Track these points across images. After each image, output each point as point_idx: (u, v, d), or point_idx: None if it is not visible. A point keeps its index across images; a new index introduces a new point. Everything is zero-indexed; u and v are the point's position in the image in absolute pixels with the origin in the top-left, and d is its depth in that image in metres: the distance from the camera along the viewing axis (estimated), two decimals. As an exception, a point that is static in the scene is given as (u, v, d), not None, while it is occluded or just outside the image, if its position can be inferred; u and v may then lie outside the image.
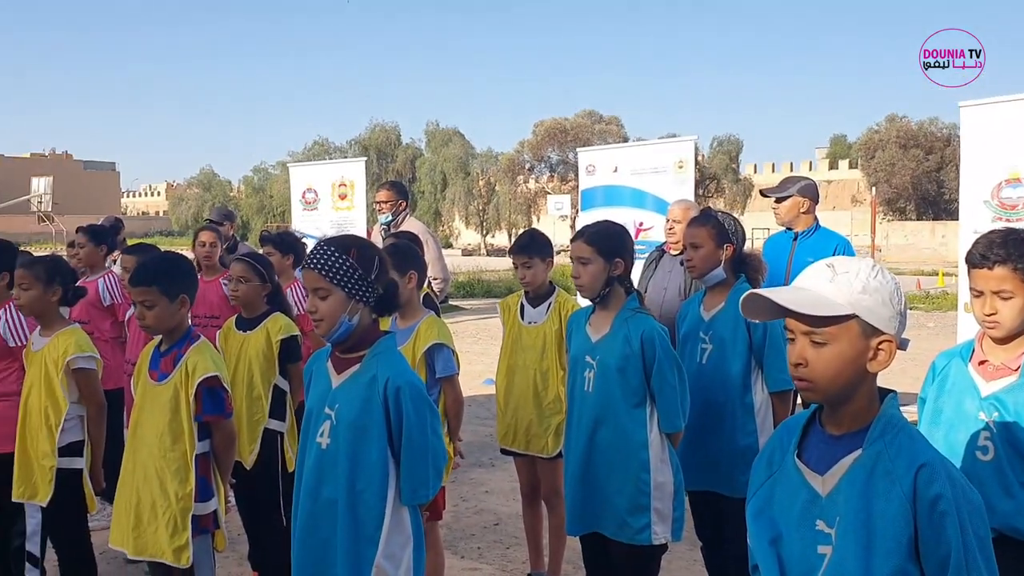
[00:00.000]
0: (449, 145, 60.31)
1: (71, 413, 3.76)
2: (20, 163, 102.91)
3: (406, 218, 6.74)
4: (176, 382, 3.21)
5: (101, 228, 5.96)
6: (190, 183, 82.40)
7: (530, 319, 4.23)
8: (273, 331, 4.24)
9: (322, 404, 2.59)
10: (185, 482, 3.17)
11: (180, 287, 3.27)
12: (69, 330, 3.82)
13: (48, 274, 3.82)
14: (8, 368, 4.15)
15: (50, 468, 3.72)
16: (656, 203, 6.65)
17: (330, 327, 2.50)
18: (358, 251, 2.53)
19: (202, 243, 5.89)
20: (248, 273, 4.31)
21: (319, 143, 62.22)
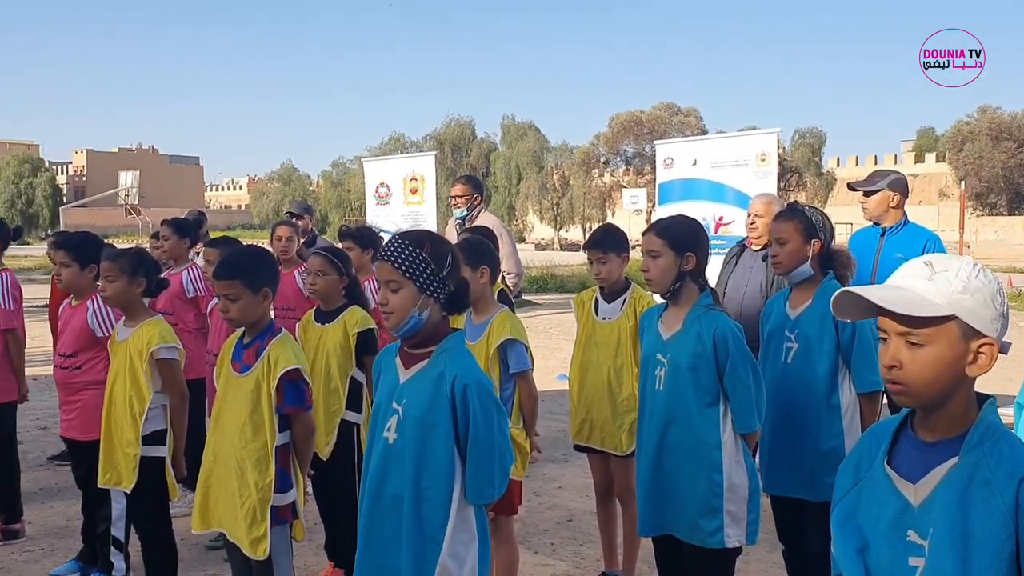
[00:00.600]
0: (524, 139, 60.30)
1: (154, 402, 3.86)
2: (108, 157, 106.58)
3: (481, 212, 6.74)
4: (258, 374, 3.25)
5: (185, 221, 6.10)
6: (271, 177, 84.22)
7: (604, 315, 4.18)
8: (350, 324, 4.28)
9: (390, 398, 2.59)
10: (265, 473, 3.20)
11: (263, 280, 3.31)
12: (153, 321, 3.92)
13: (132, 266, 3.91)
14: (95, 357, 4.28)
15: (134, 456, 3.82)
16: (737, 197, 6.52)
17: (400, 320, 2.50)
18: (432, 246, 2.53)
19: (279, 237, 5.99)
20: (325, 267, 4.36)
21: (395, 138, 62.91)
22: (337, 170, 73.65)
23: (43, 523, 5.43)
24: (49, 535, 5.24)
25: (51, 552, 4.96)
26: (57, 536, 5.21)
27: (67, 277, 4.32)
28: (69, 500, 5.82)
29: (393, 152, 59.91)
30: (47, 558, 4.88)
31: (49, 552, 4.96)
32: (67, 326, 4.35)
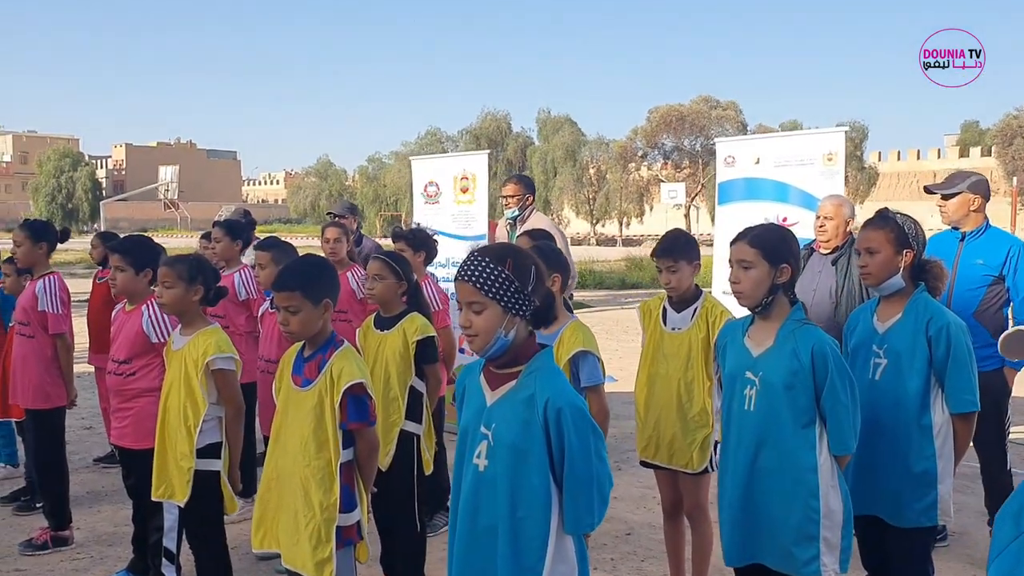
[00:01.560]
0: (559, 133, 59.98)
1: (210, 414, 3.73)
2: (147, 151, 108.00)
3: (532, 212, 6.57)
4: (321, 388, 3.11)
5: (237, 223, 6.00)
6: (308, 172, 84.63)
7: (673, 325, 3.98)
8: (410, 332, 4.13)
9: (477, 422, 2.42)
10: (330, 492, 3.07)
11: (324, 291, 3.17)
12: (210, 330, 3.79)
13: (191, 273, 3.80)
14: (149, 364, 4.17)
15: (188, 469, 3.70)
16: (802, 197, 6.28)
17: (485, 343, 2.33)
18: (514, 261, 2.35)
19: (327, 239, 5.86)
20: (384, 271, 4.21)
21: (431, 132, 62.93)
22: (373, 165, 73.80)
23: (91, 529, 5.35)
24: (98, 542, 5.16)
25: (100, 560, 4.87)
26: (106, 543, 5.13)
27: (121, 281, 4.21)
28: (117, 504, 5.75)
29: (430, 147, 60.01)
30: (96, 566, 4.79)
31: (99, 560, 4.88)
32: (121, 331, 4.24)
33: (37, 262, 5.09)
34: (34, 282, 5.06)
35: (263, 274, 4.82)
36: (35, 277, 5.09)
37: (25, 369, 5.02)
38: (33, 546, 4.95)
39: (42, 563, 4.80)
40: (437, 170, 7.97)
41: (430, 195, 7.89)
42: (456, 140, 61.73)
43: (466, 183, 7.57)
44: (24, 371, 5.03)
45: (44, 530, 5.03)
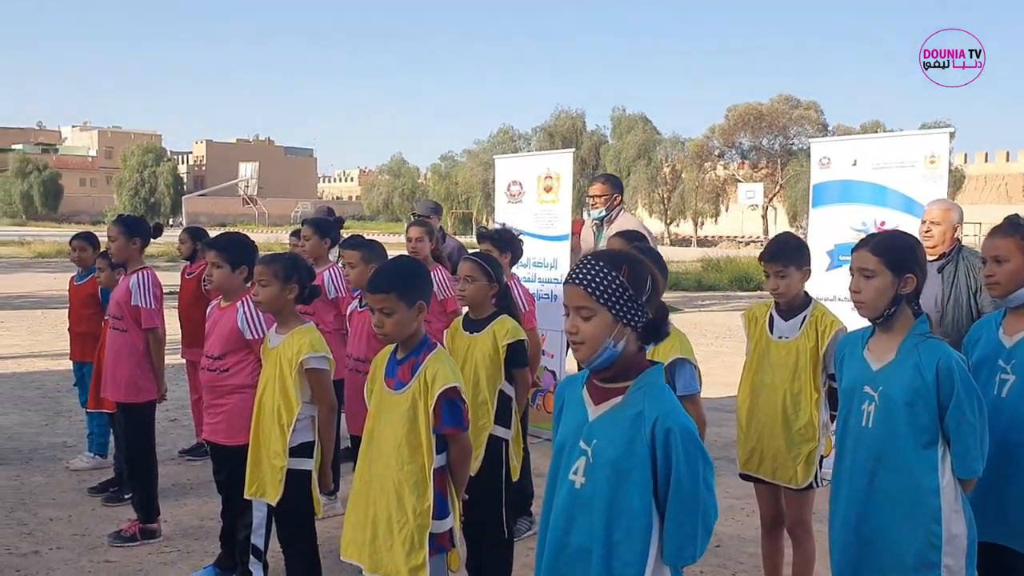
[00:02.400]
0: (633, 131, 59.49)
1: (303, 413, 3.71)
2: (227, 148, 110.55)
3: (620, 213, 6.45)
4: (414, 391, 3.04)
5: (326, 221, 6.00)
6: (381, 170, 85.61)
7: (781, 333, 3.82)
8: (500, 335, 4.05)
9: (576, 437, 2.30)
10: (423, 497, 3.00)
11: (418, 293, 3.11)
12: (304, 329, 3.78)
13: (286, 272, 3.78)
14: (243, 361, 4.17)
15: (280, 468, 3.68)
16: (902, 201, 6.01)
17: (592, 352, 2.22)
18: (630, 268, 2.22)
19: (409, 238, 5.81)
20: (475, 272, 4.14)
21: (504, 131, 63.06)
22: (446, 163, 74.28)
23: (177, 522, 5.41)
24: (184, 535, 5.20)
25: (187, 555, 4.91)
26: (192, 537, 5.17)
27: (217, 278, 4.23)
28: (203, 497, 5.80)
29: (502, 145, 60.12)
30: (183, 561, 4.82)
31: (185, 554, 4.91)
32: (215, 327, 4.25)
33: (131, 257, 5.16)
34: (127, 277, 5.13)
35: (352, 273, 4.79)
36: (128, 272, 5.16)
37: (117, 363, 5.09)
38: (122, 538, 5.02)
39: (130, 555, 4.86)
40: (520, 169, 7.88)
41: (513, 194, 7.81)
42: (529, 138, 61.71)
43: (550, 182, 7.47)
44: (116, 365, 5.09)
45: (133, 522, 5.09)
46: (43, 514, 5.47)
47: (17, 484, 6.06)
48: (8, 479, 6.17)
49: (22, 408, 8.46)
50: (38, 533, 5.14)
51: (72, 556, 4.81)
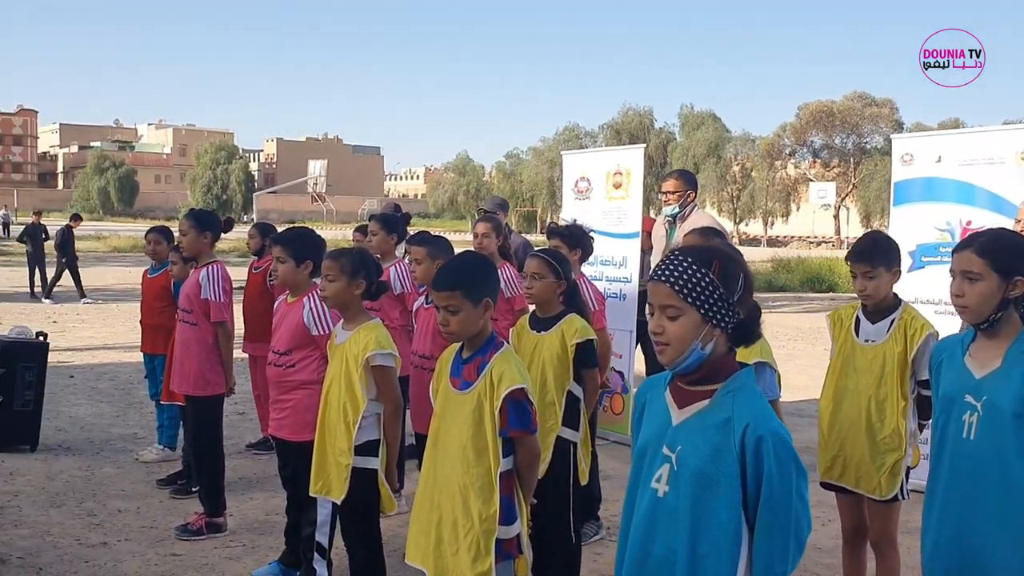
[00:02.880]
0: (702, 128, 58.77)
1: (368, 411, 3.65)
2: (296, 146, 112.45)
3: (694, 210, 6.27)
4: (480, 392, 2.94)
5: (393, 217, 5.95)
6: (446, 168, 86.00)
7: (867, 337, 3.63)
8: (568, 334, 3.94)
9: (660, 442, 2.17)
10: (489, 502, 2.90)
11: (484, 291, 3.01)
12: (371, 325, 3.71)
13: (354, 267, 3.73)
14: (309, 357, 4.14)
15: (346, 466, 3.63)
16: (990, 200, 5.72)
17: (678, 354, 2.08)
18: (721, 264, 2.09)
19: (476, 234, 5.73)
20: (543, 269, 4.03)
21: (570, 128, 62.90)
22: (511, 161, 74.32)
23: (243, 516, 5.41)
24: (250, 530, 5.20)
25: (252, 550, 4.90)
26: (258, 532, 5.16)
27: (283, 273, 4.20)
28: (268, 492, 5.80)
29: (568, 143, 59.91)
30: (248, 556, 4.81)
31: (251, 549, 4.90)
32: (282, 323, 4.23)
33: (201, 251, 5.17)
34: (198, 270, 5.15)
35: (418, 269, 4.73)
36: (199, 266, 5.18)
37: (186, 356, 5.11)
38: (189, 531, 5.03)
39: (196, 549, 4.87)
40: (589, 165, 7.73)
41: (580, 191, 7.67)
42: (595, 135, 61.43)
43: (619, 178, 7.31)
44: (186, 358, 5.11)
45: (199, 515, 5.10)
46: (112, 505, 5.53)
47: (88, 475, 6.15)
48: (80, 470, 6.26)
49: (95, 399, 8.62)
50: (107, 524, 5.19)
51: (139, 548, 4.84)
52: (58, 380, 9.08)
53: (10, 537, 4.89)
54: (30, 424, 6.63)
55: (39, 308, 16.03)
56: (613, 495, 5.73)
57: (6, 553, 4.64)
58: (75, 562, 4.60)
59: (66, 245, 17.77)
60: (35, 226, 18.62)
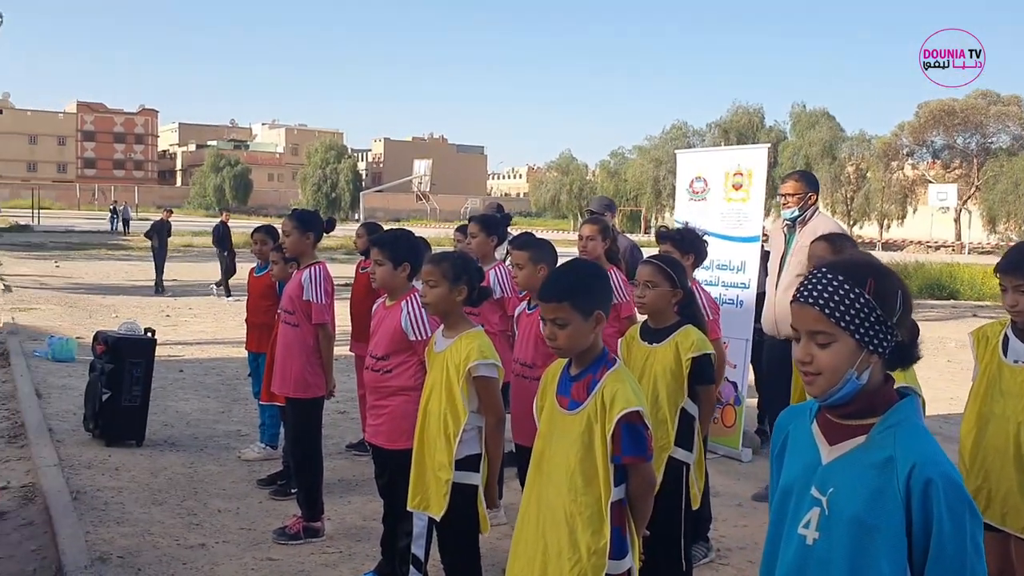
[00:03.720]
0: (815, 128, 57.05)
1: (470, 423, 3.47)
2: (403, 145, 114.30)
3: (815, 213, 5.88)
4: (590, 413, 2.70)
5: (492, 218, 5.78)
6: (549, 167, 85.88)
7: (1017, 357, 3.26)
8: (683, 347, 3.67)
9: (807, 483, 1.90)
10: (599, 534, 2.66)
11: (596, 302, 2.75)
12: (473, 333, 3.52)
13: (455, 272, 3.55)
14: (406, 362, 4.00)
15: (445, 481, 3.46)
16: None
17: (830, 385, 1.81)
18: (876, 282, 1.82)
19: (581, 236, 5.49)
20: (657, 277, 3.77)
21: (677, 127, 61.97)
22: (615, 160, 73.66)
23: (341, 520, 5.32)
24: (347, 536, 5.10)
25: (349, 557, 4.79)
26: (355, 538, 5.06)
27: (381, 276, 4.07)
28: (366, 496, 5.70)
29: (675, 141, 59.03)
30: (345, 563, 4.71)
31: (347, 556, 4.80)
32: (380, 327, 4.10)
33: (304, 251, 5.10)
34: (300, 271, 5.08)
35: (520, 274, 4.52)
36: (301, 266, 5.10)
37: (288, 357, 5.04)
38: (286, 535, 4.96)
39: (293, 554, 4.79)
40: (706, 164, 7.38)
41: (696, 191, 7.33)
42: (703, 134, 60.38)
43: (740, 179, 6.94)
44: (287, 359, 5.05)
45: (297, 519, 5.03)
46: (213, 504, 5.52)
47: (191, 472, 6.18)
48: (183, 466, 6.30)
49: (202, 395, 8.74)
50: (206, 525, 5.17)
51: (237, 551, 4.78)
52: (168, 374, 9.27)
53: (112, 535, 4.91)
54: (136, 420, 6.72)
55: (153, 302, 16.56)
56: (723, 513, 5.43)
57: (107, 552, 4.65)
58: (173, 563, 4.58)
59: (224, 240, 18.35)
60: (163, 223, 19.22)
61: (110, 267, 24.45)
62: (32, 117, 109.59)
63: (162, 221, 19.27)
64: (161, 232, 18.87)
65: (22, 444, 6.72)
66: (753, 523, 5.47)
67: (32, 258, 26.41)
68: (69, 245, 33.35)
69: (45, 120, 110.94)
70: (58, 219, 56.21)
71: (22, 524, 5.17)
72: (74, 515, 5.09)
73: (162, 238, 18.81)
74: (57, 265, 24.18)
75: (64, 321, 13.36)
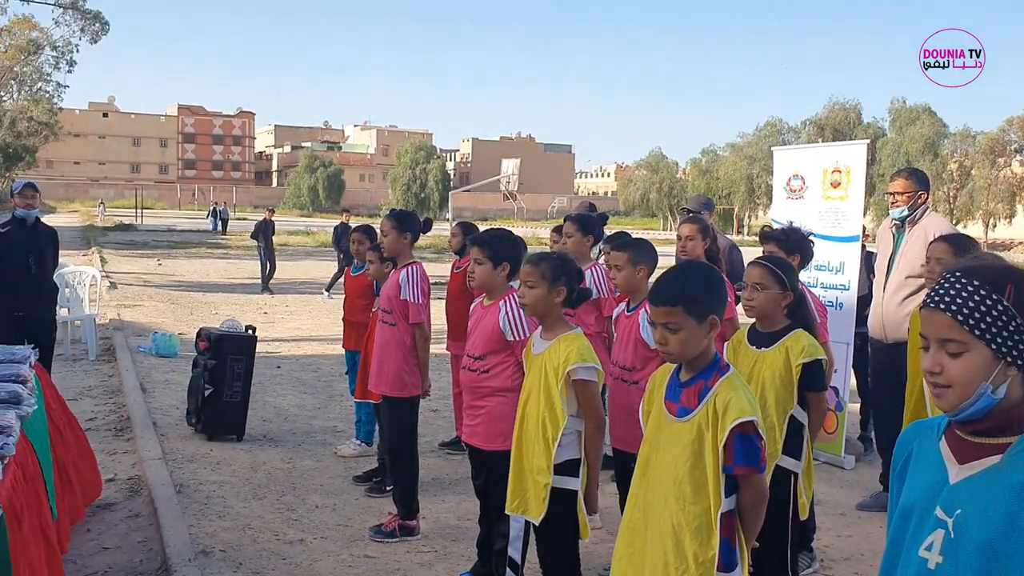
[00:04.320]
0: (916, 124, 55.21)
1: (569, 428, 3.41)
2: (490, 145, 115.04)
3: (926, 213, 5.62)
4: (700, 421, 2.61)
5: (590, 217, 5.70)
6: (639, 165, 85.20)
7: None
8: (794, 352, 3.54)
9: (931, 503, 1.76)
10: (707, 545, 2.57)
11: (710, 307, 2.66)
12: (572, 335, 3.46)
13: (555, 273, 3.50)
14: (504, 363, 3.96)
15: (544, 486, 3.40)
16: None
17: (961, 399, 1.68)
18: (1017, 289, 1.67)
19: (680, 236, 5.36)
20: (766, 279, 3.64)
21: (771, 123, 60.79)
22: (707, 157, 72.61)
23: (435, 519, 5.32)
24: (442, 535, 5.09)
25: (444, 556, 4.78)
26: (450, 538, 5.05)
27: (479, 275, 4.05)
28: (460, 495, 5.70)
29: (769, 138, 57.91)
30: (440, 563, 4.70)
31: (443, 556, 4.79)
32: (477, 326, 4.08)
33: (401, 251, 5.12)
34: (398, 271, 5.10)
35: (618, 276, 4.42)
36: (399, 266, 5.12)
37: (385, 356, 5.07)
38: (382, 533, 4.98)
39: (389, 552, 4.80)
40: (803, 162, 7.16)
41: (794, 189, 7.12)
42: (798, 131, 59.04)
43: (838, 176, 6.71)
44: (384, 358, 5.07)
45: (393, 517, 5.05)
46: (310, 500, 5.59)
47: (289, 467, 6.27)
48: (282, 461, 6.40)
49: (299, 390, 8.90)
50: (304, 520, 5.23)
51: (335, 548, 4.83)
52: (266, 370, 9.47)
53: (214, 529, 5.01)
54: (237, 415, 6.87)
55: (252, 299, 16.97)
56: (826, 523, 5.25)
57: (210, 546, 4.74)
58: (273, 559, 4.64)
59: (341, 240, 18.80)
60: (267, 222, 19.71)
61: (209, 265, 25.22)
62: (136, 120, 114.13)
63: (266, 221, 19.72)
64: (266, 232, 19.31)
65: (128, 437, 6.94)
66: (858, 533, 5.27)
67: (135, 256, 27.42)
68: (170, 244, 34.54)
69: (148, 123, 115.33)
70: (160, 218, 58.34)
71: (129, 516, 5.32)
72: (178, 508, 5.22)
73: (267, 238, 19.25)
74: (159, 263, 25.04)
75: (166, 318, 13.80)
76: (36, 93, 56.71)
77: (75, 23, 39.71)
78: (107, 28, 40.42)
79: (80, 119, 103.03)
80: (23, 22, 47.81)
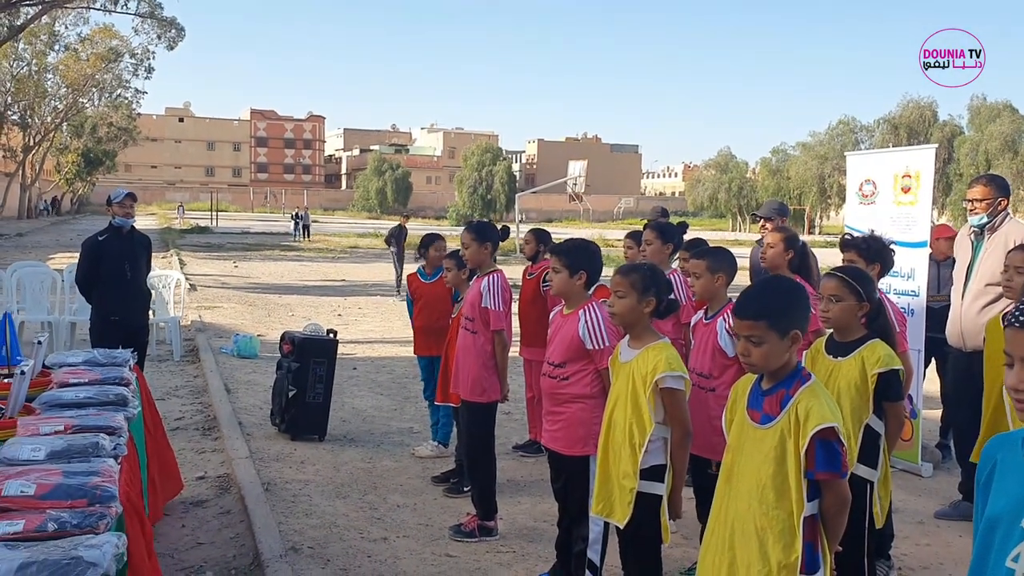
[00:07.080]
0: (996, 121, 53.57)
1: (656, 434, 3.51)
2: (556, 146, 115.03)
3: (1007, 220, 5.57)
4: (783, 428, 2.70)
5: (669, 225, 5.77)
6: (707, 164, 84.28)
7: None
8: (870, 361, 3.59)
9: (1018, 514, 1.82)
10: (790, 549, 2.66)
11: (793, 321, 2.75)
12: (660, 345, 3.57)
13: (644, 283, 3.60)
14: (583, 370, 4.07)
15: (630, 490, 3.51)
16: None
17: None
18: None
19: (761, 242, 5.40)
20: (842, 290, 3.69)
21: (843, 122, 59.64)
22: (777, 157, 71.53)
23: (512, 520, 5.45)
24: (519, 536, 5.22)
25: (523, 557, 4.91)
26: (527, 539, 5.18)
27: (557, 283, 4.17)
28: (536, 496, 5.83)
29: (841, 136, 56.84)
30: (519, 563, 4.83)
31: (521, 556, 4.92)
32: (557, 334, 4.19)
33: (483, 261, 5.28)
34: (479, 280, 5.25)
35: (696, 284, 4.50)
36: (480, 275, 5.27)
37: (466, 361, 5.22)
38: (462, 532, 5.13)
39: (469, 551, 4.95)
40: (875, 167, 7.13)
41: (866, 195, 7.09)
42: (872, 130, 57.90)
43: (908, 181, 6.67)
44: (464, 363, 5.22)
45: (472, 517, 5.20)
46: (391, 500, 5.77)
47: (369, 467, 6.48)
48: (362, 461, 6.61)
49: (375, 392, 9.13)
50: (387, 519, 5.42)
51: (416, 546, 4.99)
52: (343, 372, 9.69)
53: (302, 526, 5.22)
54: (319, 416, 7.11)
55: (326, 301, 17.34)
56: (904, 530, 5.24)
57: (299, 543, 4.95)
58: (358, 556, 4.83)
59: (400, 239, 19.18)
60: (400, 228, 20.11)
61: (284, 268, 25.79)
62: (210, 124, 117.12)
63: (400, 227, 20.09)
64: (399, 237, 19.68)
65: (215, 436, 7.23)
66: (936, 542, 5.25)
67: (212, 258, 28.16)
68: (245, 246, 35.37)
69: (222, 127, 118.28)
70: (234, 221, 59.75)
71: (220, 512, 5.57)
72: (267, 506, 5.44)
73: (400, 243, 19.62)
74: (236, 265, 25.70)
75: (245, 319, 14.21)
76: (116, 99, 58.65)
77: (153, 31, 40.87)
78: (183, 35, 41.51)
79: (157, 124, 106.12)
80: (104, 31, 49.52)
